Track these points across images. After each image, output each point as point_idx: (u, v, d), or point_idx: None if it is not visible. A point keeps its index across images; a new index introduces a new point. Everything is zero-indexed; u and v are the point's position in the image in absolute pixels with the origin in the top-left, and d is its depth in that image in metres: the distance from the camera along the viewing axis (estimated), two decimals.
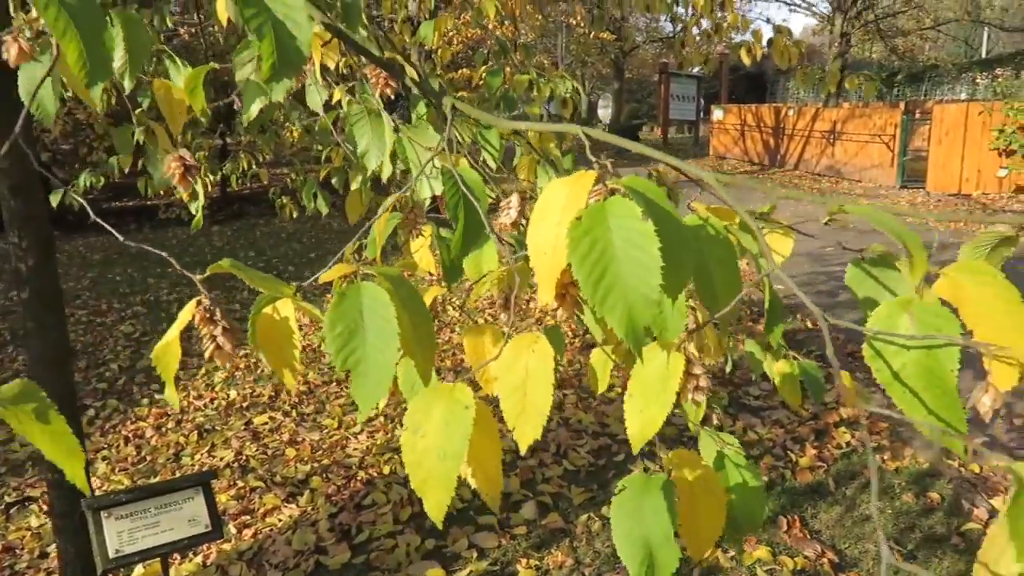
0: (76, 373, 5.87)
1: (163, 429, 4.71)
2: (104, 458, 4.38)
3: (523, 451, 0.61)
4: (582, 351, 5.75)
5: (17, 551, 3.52)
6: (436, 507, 0.56)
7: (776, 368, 1.53)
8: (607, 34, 19.75)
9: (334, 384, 5.35)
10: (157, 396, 5.24)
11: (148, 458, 4.33)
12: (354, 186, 2.40)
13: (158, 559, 2.26)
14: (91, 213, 1.06)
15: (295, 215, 4.49)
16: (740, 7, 31.39)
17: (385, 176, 1.07)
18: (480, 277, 0.88)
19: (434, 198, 1.03)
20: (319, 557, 3.23)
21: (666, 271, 0.50)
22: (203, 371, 5.69)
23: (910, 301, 0.55)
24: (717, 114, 20.92)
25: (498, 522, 3.45)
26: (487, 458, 0.61)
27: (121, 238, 0.98)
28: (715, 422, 4.39)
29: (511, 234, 0.83)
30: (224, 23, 1.77)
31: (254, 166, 4.29)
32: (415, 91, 1.11)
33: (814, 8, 29.99)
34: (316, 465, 4.11)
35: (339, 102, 1.64)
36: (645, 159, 0.75)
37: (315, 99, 1.21)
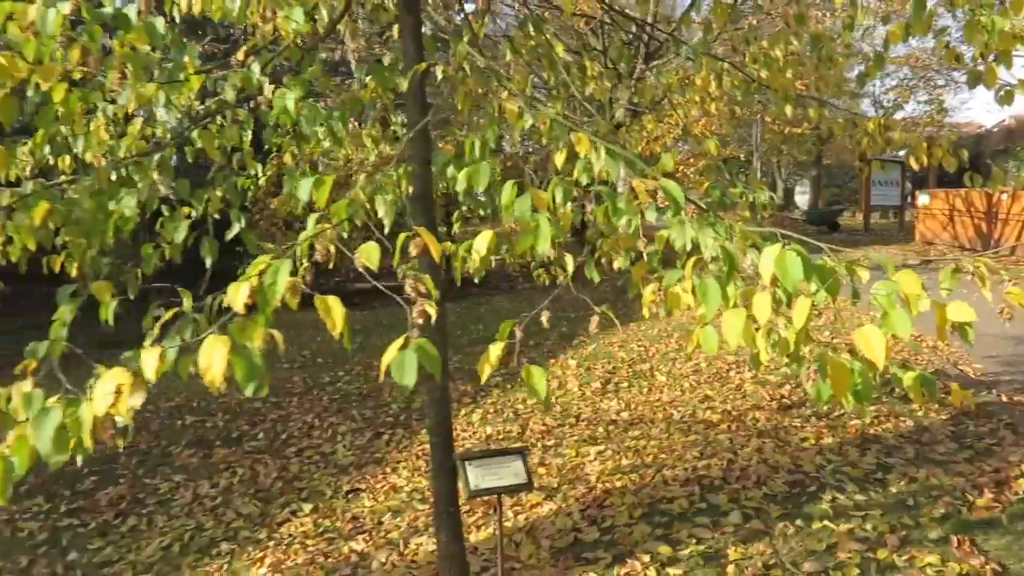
0: (368, 410, 7.61)
1: None
2: (404, 467, 5.90)
3: None
4: (778, 411, 6.58)
5: (359, 520, 5.03)
6: (734, 344, 1.76)
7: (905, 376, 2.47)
8: (804, 127, 20.32)
9: (567, 426, 6.60)
10: None
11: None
12: (618, 264, 3.69)
13: (495, 496, 3.55)
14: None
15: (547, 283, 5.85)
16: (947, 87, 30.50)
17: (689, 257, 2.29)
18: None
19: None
20: (576, 534, 4.40)
21: (804, 274, 1.64)
22: (462, 412, 7.19)
23: (885, 284, 1.66)
24: (923, 199, 20.58)
25: (711, 522, 4.43)
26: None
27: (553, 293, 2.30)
28: (898, 469, 5.07)
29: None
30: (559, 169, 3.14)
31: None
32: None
33: None
34: (562, 479, 5.32)
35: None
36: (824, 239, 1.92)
37: (650, 214, 2.49)
